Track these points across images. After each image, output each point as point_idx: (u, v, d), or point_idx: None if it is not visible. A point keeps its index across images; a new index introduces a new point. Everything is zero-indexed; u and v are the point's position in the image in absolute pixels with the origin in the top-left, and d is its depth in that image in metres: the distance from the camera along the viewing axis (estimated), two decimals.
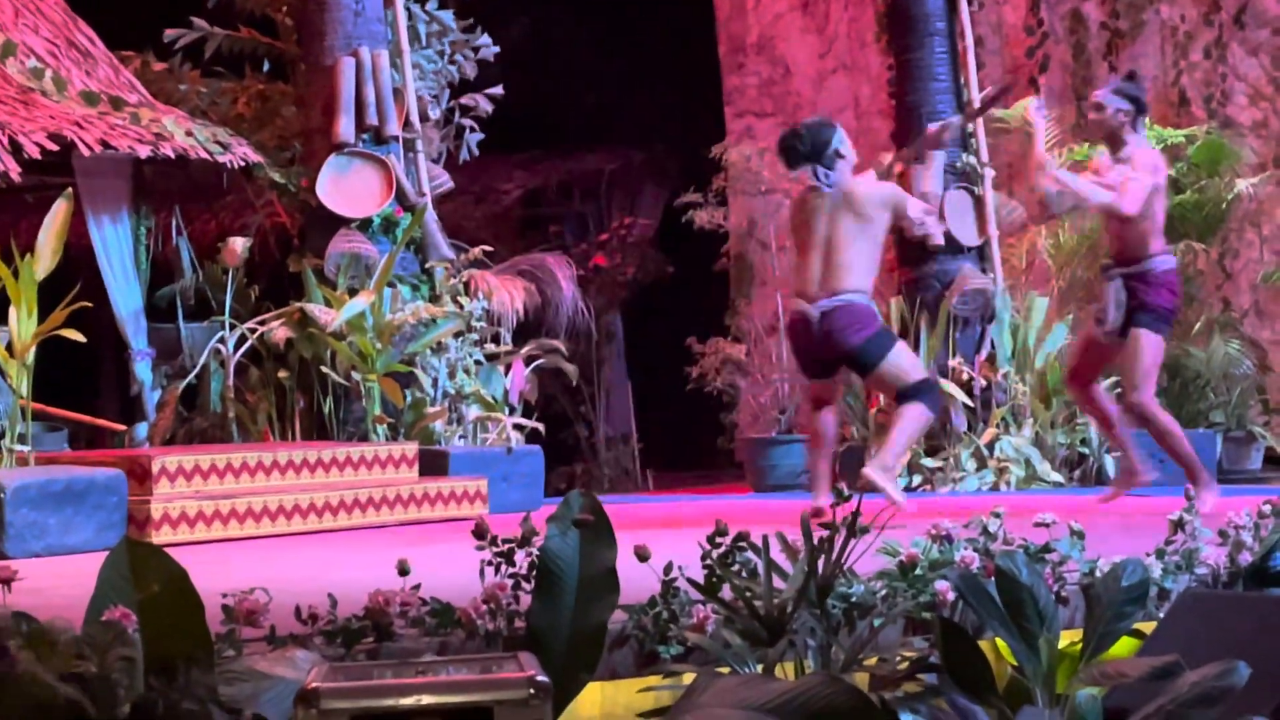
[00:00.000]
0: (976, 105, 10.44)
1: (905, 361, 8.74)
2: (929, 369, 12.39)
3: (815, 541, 4.55)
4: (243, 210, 13.42)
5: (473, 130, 12.52)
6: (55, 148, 9.77)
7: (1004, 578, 4.42)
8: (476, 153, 12.70)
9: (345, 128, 11.05)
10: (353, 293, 10.67)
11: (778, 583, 4.64)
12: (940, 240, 10.10)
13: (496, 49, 12.44)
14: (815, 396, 8.92)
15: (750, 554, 4.85)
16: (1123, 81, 9.21)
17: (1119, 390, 10.04)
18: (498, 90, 12.45)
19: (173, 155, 10.30)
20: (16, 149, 9.56)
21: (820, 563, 4.55)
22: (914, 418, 8.61)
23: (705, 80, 16.09)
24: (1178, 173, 13.18)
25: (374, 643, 4.40)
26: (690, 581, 4.75)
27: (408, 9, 11.90)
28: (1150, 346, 8.89)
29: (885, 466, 8.48)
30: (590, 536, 4.33)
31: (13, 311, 8.57)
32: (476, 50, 12.44)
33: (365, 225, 11.09)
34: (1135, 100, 8.94)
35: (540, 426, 11.26)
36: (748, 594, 4.52)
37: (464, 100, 12.44)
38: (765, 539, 4.76)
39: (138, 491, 8.23)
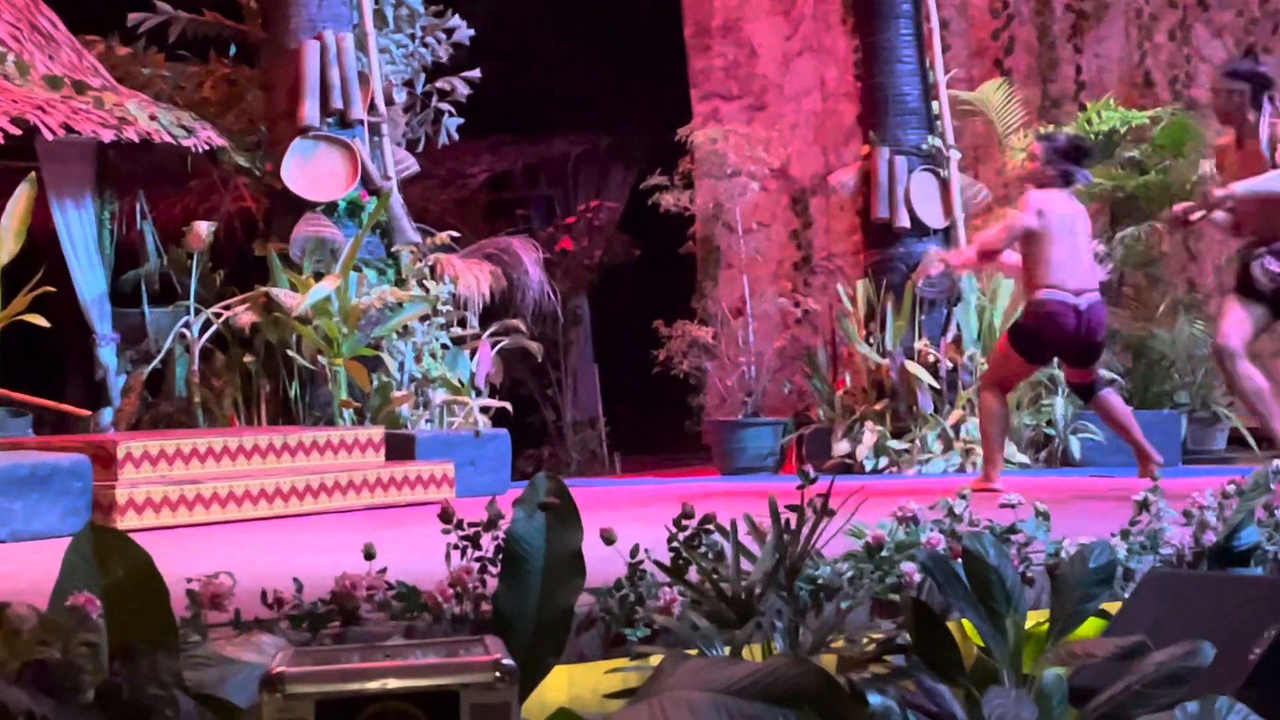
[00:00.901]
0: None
1: None
2: (896, 351, 12.45)
3: (785, 524, 4.55)
4: (208, 194, 13.38)
5: (451, 114, 12.50)
6: (18, 132, 9.72)
7: (971, 559, 4.43)
8: (456, 137, 12.68)
9: (310, 111, 11.02)
10: (318, 277, 10.65)
11: (745, 565, 4.64)
12: None
13: (471, 32, 12.41)
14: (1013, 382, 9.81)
15: (717, 536, 4.84)
16: (1238, 61, 9.23)
17: None
18: (475, 74, 12.43)
19: (137, 139, 10.26)
20: None
21: (790, 545, 4.55)
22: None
23: (671, 63, 16.08)
24: (1142, 154, 13.23)
25: (340, 627, 4.38)
26: (658, 564, 4.75)
27: None
28: None
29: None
30: (556, 520, 4.32)
31: None
32: (450, 34, 12.41)
33: (331, 209, 11.06)
34: (1252, 77, 8.88)
35: (507, 408, 11.25)
36: (715, 576, 4.52)
37: (440, 84, 12.42)
38: (733, 522, 4.75)
39: (103, 477, 8.19)
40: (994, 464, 9.35)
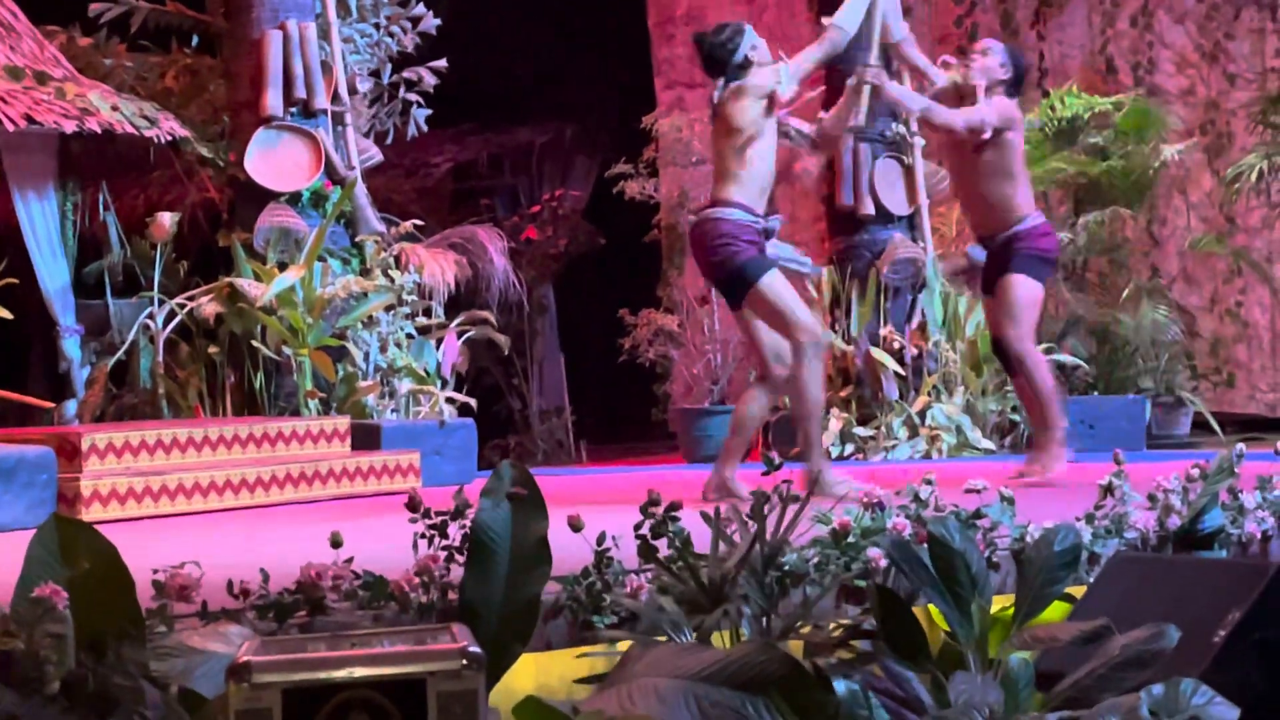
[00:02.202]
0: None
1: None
2: (861, 338, 12.46)
3: (763, 510, 4.56)
4: (171, 185, 13.34)
5: (420, 105, 12.48)
6: None
7: (937, 543, 4.45)
8: (425, 128, 12.67)
9: (273, 101, 10.98)
10: (282, 267, 10.63)
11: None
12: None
13: (437, 21, 12.40)
14: None
15: (684, 523, 4.86)
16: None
17: None
18: (441, 64, 12.41)
19: (99, 130, 10.23)
20: None
21: (767, 532, 4.56)
22: None
23: (635, 52, 16.08)
24: (1105, 139, 13.27)
25: (307, 616, 4.38)
26: (640, 541, 4.77)
27: None
28: None
29: None
30: (522, 508, 4.32)
31: None
32: (415, 23, 12.39)
33: (294, 199, 11.03)
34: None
35: (473, 400, 11.24)
36: (689, 561, 4.53)
37: (407, 74, 12.39)
38: (717, 510, 4.77)
39: (67, 469, 8.16)
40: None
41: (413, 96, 12.46)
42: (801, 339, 7.88)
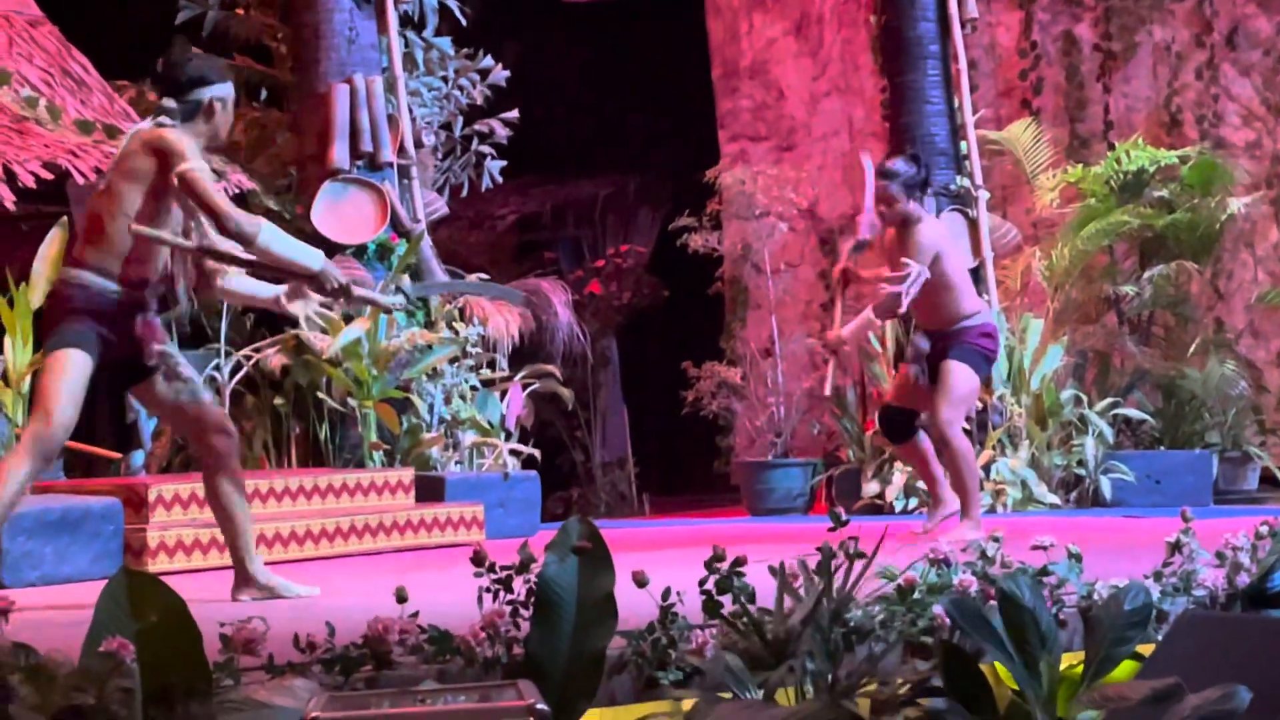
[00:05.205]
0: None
1: None
2: None
3: (830, 566, 4.54)
4: None
5: (493, 157, 12.55)
6: (50, 176, 9.77)
7: (1007, 600, 4.41)
8: (500, 179, 12.73)
9: (340, 154, 11.06)
10: (348, 319, 10.67)
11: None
12: None
13: (506, 73, 12.46)
14: None
15: (746, 580, 4.84)
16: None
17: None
18: (513, 115, 12.48)
19: None
20: (11, 178, 9.57)
21: (833, 589, 4.54)
22: None
23: (698, 104, 16.11)
24: (1170, 193, 13.21)
25: (373, 671, 4.38)
26: (705, 596, 4.74)
27: (403, 36, 11.93)
28: None
29: None
30: (588, 563, 4.32)
31: (8, 341, 8.57)
32: (484, 75, 12.47)
33: (360, 252, 11.09)
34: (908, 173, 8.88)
35: (536, 452, 11.25)
36: (753, 617, 4.51)
37: (479, 126, 12.46)
38: (781, 563, 4.75)
39: (134, 520, 8.20)
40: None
41: (485, 149, 12.52)
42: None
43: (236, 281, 7.07)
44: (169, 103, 6.79)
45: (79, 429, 6.71)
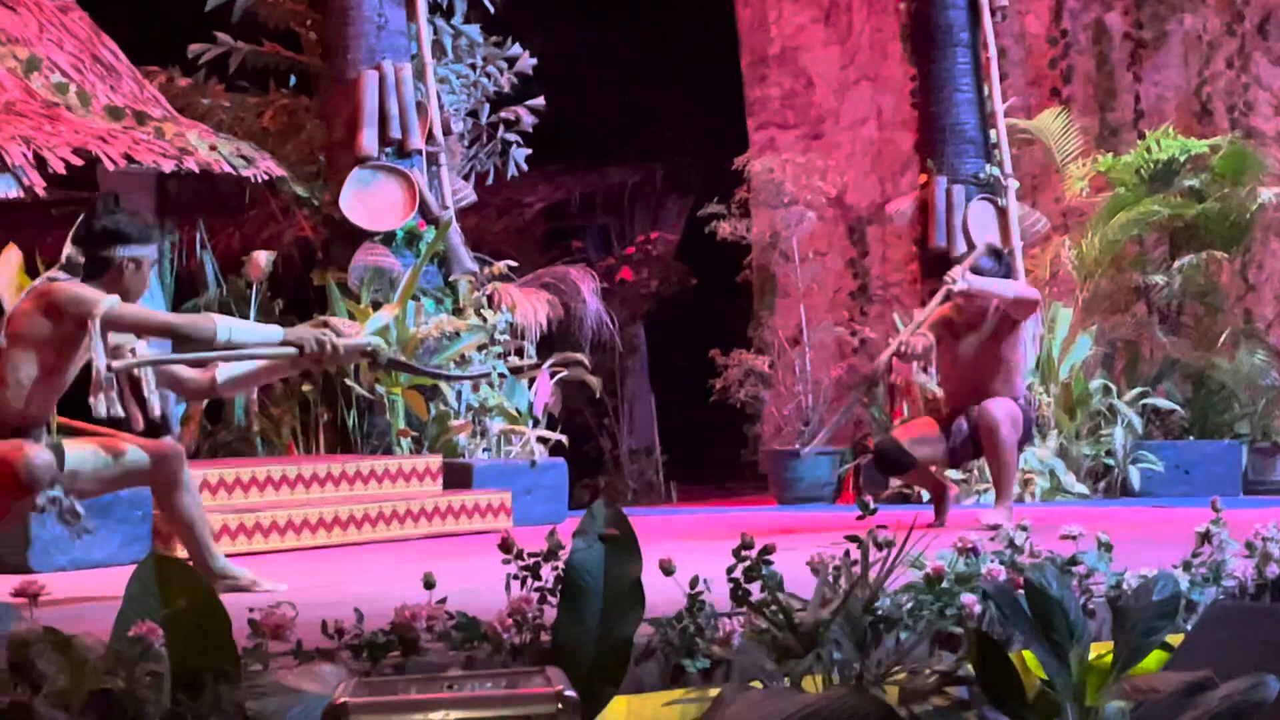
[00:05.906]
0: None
1: None
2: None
3: (867, 559, 4.54)
4: (267, 224, 13.45)
5: (519, 145, 12.54)
6: (80, 162, 9.79)
7: (1034, 590, 4.41)
8: (525, 168, 12.73)
9: (368, 141, 11.06)
10: (376, 306, 10.68)
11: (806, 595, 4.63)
12: None
13: (534, 61, 12.46)
14: None
15: (774, 568, 4.84)
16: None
17: None
18: (539, 102, 12.48)
19: (197, 170, 10.32)
20: (42, 164, 9.58)
21: (865, 578, 4.54)
22: None
23: (727, 92, 16.08)
24: (1201, 182, 13.16)
25: (400, 657, 4.39)
26: (734, 584, 4.74)
27: (432, 23, 11.93)
28: None
29: None
30: (616, 550, 4.32)
31: None
32: (511, 63, 12.47)
33: (389, 239, 11.10)
34: None
35: (564, 439, 11.25)
36: (781, 605, 4.51)
37: (505, 114, 12.46)
38: (819, 555, 4.74)
39: None
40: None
41: (512, 136, 12.52)
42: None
43: (231, 368, 6.81)
44: (75, 255, 6.34)
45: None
